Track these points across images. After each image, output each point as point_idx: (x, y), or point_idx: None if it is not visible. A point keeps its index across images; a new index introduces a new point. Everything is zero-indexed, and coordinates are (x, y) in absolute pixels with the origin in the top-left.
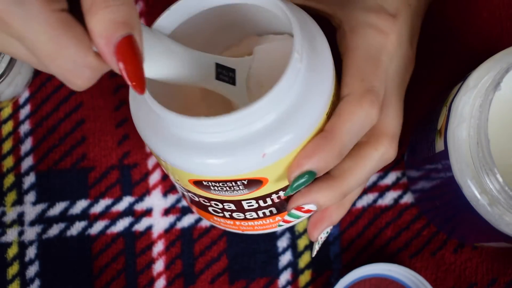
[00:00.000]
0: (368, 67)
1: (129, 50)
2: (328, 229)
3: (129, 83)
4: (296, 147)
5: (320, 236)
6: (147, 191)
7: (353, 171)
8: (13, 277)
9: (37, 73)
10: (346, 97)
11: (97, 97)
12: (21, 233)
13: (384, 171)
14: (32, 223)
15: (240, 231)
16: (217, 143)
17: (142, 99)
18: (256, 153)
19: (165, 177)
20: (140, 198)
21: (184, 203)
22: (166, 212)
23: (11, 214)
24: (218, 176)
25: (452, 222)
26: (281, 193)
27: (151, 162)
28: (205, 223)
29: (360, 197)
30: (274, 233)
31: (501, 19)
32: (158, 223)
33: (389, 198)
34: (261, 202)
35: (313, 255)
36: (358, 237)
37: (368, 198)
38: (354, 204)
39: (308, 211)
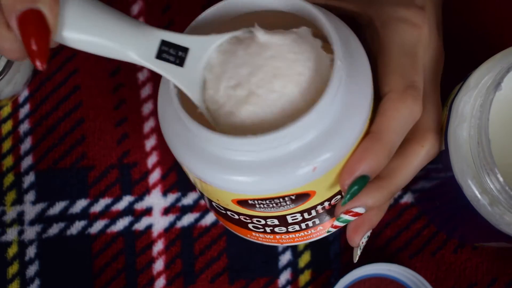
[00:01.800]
0: (406, 62)
1: (31, 23)
2: (368, 233)
3: (28, 56)
4: (346, 155)
5: (362, 241)
6: (147, 190)
7: (401, 169)
8: (13, 277)
9: (36, 72)
10: (388, 94)
11: (96, 96)
12: (21, 233)
13: None
14: (32, 222)
15: (279, 244)
16: (266, 161)
17: (177, 119)
18: (307, 167)
19: (164, 176)
20: (140, 197)
21: (184, 202)
22: (166, 211)
23: (11, 213)
24: (267, 194)
25: (452, 222)
26: (326, 204)
27: (150, 161)
28: (205, 222)
29: None
30: None
31: (501, 19)
32: (158, 222)
33: None
34: (305, 215)
35: (355, 261)
36: None
37: None
38: None
39: (356, 214)
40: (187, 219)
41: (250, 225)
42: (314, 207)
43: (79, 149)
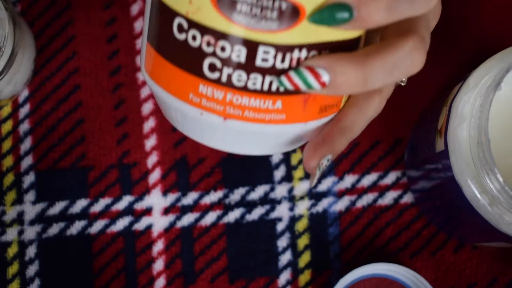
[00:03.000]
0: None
1: None
2: (330, 157)
3: None
4: None
5: (322, 162)
6: (147, 190)
7: (378, 53)
8: (13, 277)
9: (36, 72)
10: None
11: (96, 96)
12: (21, 232)
13: (384, 171)
14: (32, 222)
15: (222, 117)
16: None
17: None
18: None
19: (164, 176)
20: (140, 197)
21: (184, 202)
22: (166, 211)
23: (11, 213)
24: None
25: (452, 222)
26: (304, 53)
27: (150, 161)
28: (205, 222)
29: (360, 197)
30: (273, 232)
31: (501, 19)
32: (158, 222)
33: (389, 198)
34: (278, 58)
35: (312, 186)
36: (358, 237)
37: (368, 198)
38: (354, 203)
39: (317, 77)
40: (187, 219)
41: (206, 62)
42: (291, 49)
43: (79, 149)
